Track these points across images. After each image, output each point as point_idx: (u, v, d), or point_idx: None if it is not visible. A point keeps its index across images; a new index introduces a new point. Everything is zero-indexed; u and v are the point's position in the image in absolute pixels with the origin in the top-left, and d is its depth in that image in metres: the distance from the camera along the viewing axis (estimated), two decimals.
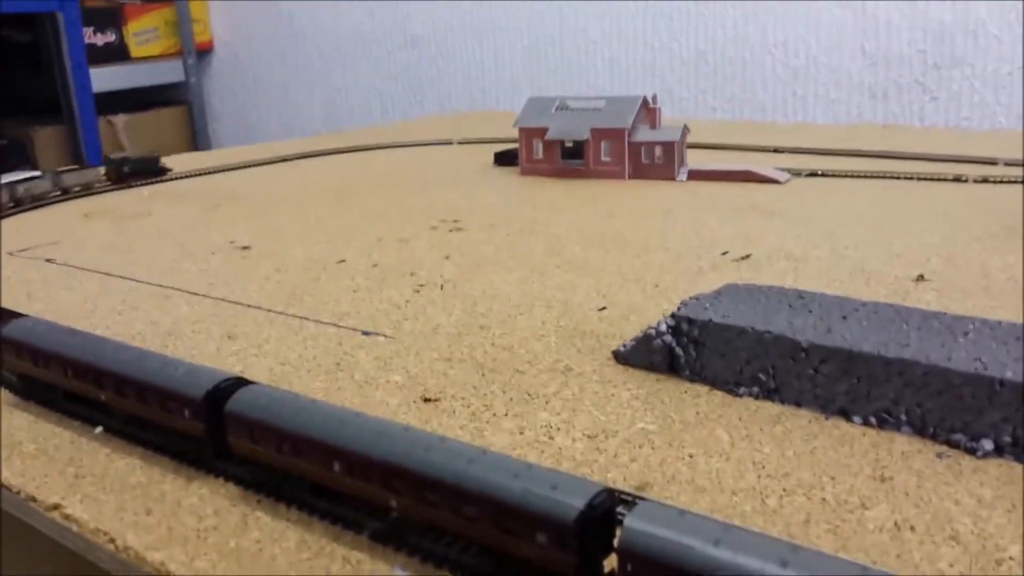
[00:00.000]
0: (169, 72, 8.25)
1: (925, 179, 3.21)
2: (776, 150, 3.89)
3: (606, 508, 1.00)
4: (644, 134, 3.38)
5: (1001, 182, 3.13)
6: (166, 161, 4.01)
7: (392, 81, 7.60)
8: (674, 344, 1.60)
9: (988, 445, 1.30)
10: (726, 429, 1.42)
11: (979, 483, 1.23)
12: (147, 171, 3.91)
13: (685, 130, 3.37)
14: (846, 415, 1.43)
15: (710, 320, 1.57)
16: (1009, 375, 1.28)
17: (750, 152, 3.91)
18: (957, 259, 2.25)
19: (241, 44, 8.46)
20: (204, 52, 8.52)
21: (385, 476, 1.13)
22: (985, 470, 1.26)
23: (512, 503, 1.02)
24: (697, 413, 1.48)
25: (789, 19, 5.85)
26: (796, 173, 3.35)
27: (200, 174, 3.98)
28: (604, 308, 2.00)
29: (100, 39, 7.78)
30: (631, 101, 3.42)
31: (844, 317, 1.53)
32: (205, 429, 1.33)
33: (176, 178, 3.93)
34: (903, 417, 1.38)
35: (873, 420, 1.40)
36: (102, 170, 3.87)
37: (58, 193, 3.65)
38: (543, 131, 3.49)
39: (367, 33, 7.63)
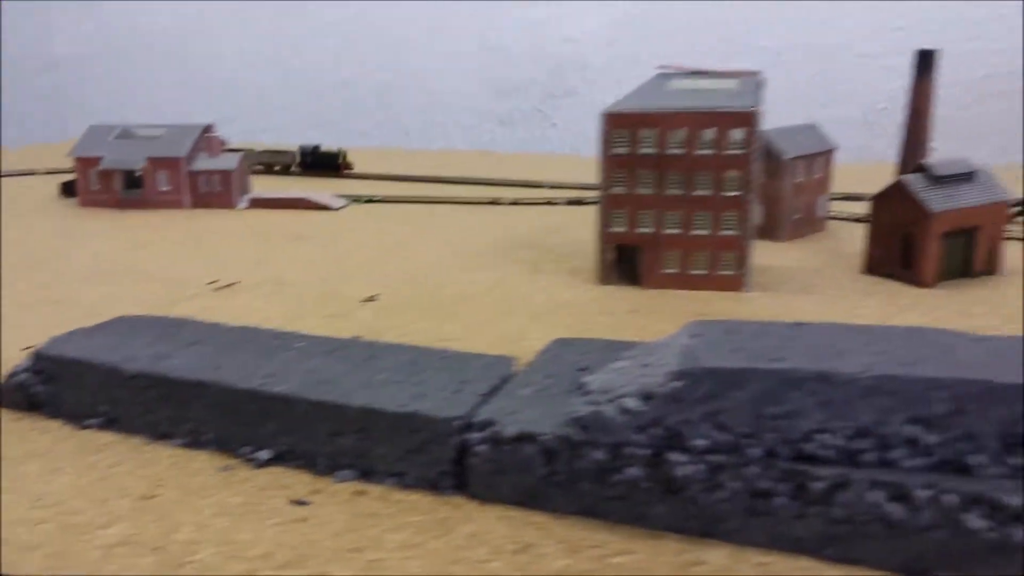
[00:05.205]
0: None
1: (467, 203, 3.49)
2: (353, 171, 4.07)
3: None
4: (204, 163, 3.38)
5: (532, 203, 3.48)
6: None
7: (32, 104, 7.04)
8: (31, 382, 1.61)
9: (266, 455, 1.42)
10: (42, 463, 1.43)
11: (237, 491, 1.34)
12: None
13: (243, 159, 3.42)
14: (168, 438, 1.50)
15: (62, 355, 1.58)
16: (281, 389, 1.41)
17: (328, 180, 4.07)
18: (423, 280, 2.45)
19: None
20: None
21: None
22: (254, 479, 1.38)
23: None
24: (26, 451, 1.48)
25: (421, 50, 6.14)
26: (355, 199, 3.52)
27: None
28: None
29: None
30: (191, 129, 3.42)
31: (193, 344, 1.62)
32: None
33: None
34: (210, 435, 1.47)
35: (188, 440, 1.49)
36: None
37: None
38: (98, 160, 3.38)
39: None
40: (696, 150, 2.23)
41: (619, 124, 2.25)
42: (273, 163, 4.40)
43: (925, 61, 3.06)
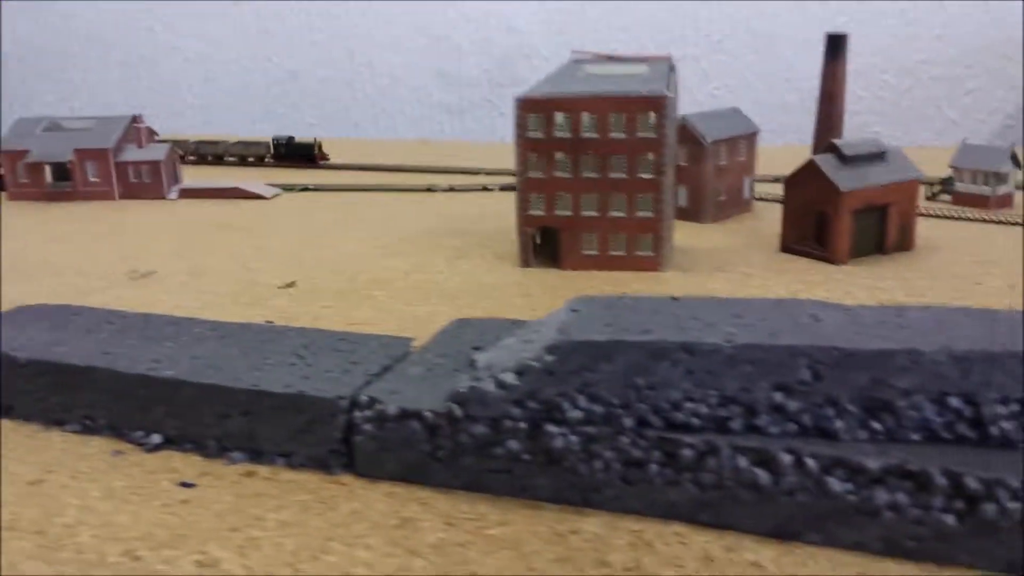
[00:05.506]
0: None
1: (404, 191, 3.50)
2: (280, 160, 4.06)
3: None
4: (131, 154, 3.34)
5: (468, 190, 3.49)
6: None
7: None
8: None
9: (157, 439, 1.42)
10: None
11: (126, 474, 1.34)
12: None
13: (173, 149, 3.39)
14: (62, 424, 1.50)
15: None
16: (169, 373, 1.41)
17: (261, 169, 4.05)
18: (344, 266, 2.45)
19: None
20: None
21: None
22: (144, 463, 1.38)
23: None
24: None
25: (372, 41, 6.10)
26: (288, 188, 3.51)
27: None
28: None
29: None
30: (118, 121, 3.37)
31: (89, 331, 1.61)
32: None
33: None
34: (102, 421, 1.47)
35: (81, 426, 1.48)
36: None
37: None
38: (25, 153, 3.33)
39: None
40: (609, 134, 2.25)
41: (532, 109, 2.27)
42: (246, 155, 4.34)
43: (835, 45, 3.12)
